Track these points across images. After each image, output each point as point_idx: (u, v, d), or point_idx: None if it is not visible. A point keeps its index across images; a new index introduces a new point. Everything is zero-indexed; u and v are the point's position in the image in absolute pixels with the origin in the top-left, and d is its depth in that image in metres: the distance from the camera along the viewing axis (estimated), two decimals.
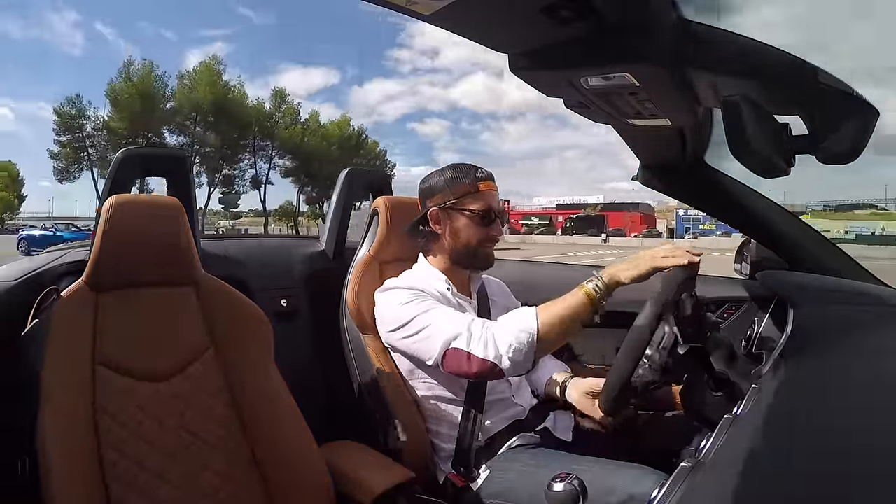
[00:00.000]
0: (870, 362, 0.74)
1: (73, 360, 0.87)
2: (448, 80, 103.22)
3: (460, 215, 1.13)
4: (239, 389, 1.01)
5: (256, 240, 1.99)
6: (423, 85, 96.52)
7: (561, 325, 0.94)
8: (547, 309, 0.95)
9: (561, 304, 0.95)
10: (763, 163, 0.66)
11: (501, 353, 0.94)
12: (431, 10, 0.61)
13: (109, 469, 0.85)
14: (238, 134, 28.28)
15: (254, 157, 29.91)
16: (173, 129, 27.53)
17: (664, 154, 1.19)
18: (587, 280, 0.95)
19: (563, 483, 0.71)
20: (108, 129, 26.59)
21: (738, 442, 0.54)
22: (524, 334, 0.94)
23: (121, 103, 25.77)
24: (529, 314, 0.95)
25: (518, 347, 0.93)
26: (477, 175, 1.13)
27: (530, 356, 0.94)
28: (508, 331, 0.95)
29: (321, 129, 31.71)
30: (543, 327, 0.93)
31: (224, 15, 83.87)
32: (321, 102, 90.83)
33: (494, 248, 1.17)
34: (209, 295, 1.04)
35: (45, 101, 71.93)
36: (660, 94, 0.77)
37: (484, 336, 0.96)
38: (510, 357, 0.94)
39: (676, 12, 0.67)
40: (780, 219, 1.29)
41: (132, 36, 74.79)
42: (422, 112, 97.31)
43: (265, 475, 0.98)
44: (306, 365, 1.50)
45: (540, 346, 0.94)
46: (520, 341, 0.93)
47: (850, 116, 0.64)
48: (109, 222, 0.94)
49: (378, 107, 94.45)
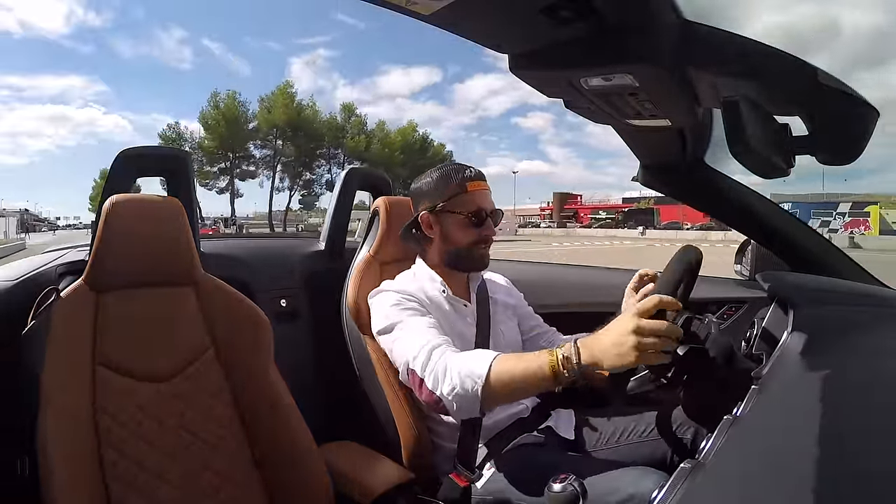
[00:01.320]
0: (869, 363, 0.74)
1: (73, 361, 0.87)
2: None
3: (450, 217, 1.12)
4: (239, 389, 1.01)
5: (256, 240, 1.99)
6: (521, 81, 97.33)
7: (512, 385, 0.84)
8: (504, 362, 0.86)
9: (521, 366, 0.84)
10: (763, 163, 0.66)
11: (445, 392, 0.89)
12: (431, 10, 0.61)
13: (109, 469, 0.85)
14: (314, 145, 34.30)
15: (329, 163, 35.78)
16: (258, 143, 34.16)
17: (664, 154, 1.19)
18: (560, 347, 0.82)
19: (562, 484, 0.71)
20: (202, 147, 33.33)
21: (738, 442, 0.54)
22: (470, 381, 0.86)
23: (210, 127, 32.74)
24: (484, 361, 0.87)
25: (461, 393, 0.87)
26: (465, 175, 1.12)
27: (475, 404, 0.87)
28: (458, 372, 0.88)
29: (387, 136, 36.76)
30: (493, 381, 0.85)
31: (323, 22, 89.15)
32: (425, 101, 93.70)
33: (488, 247, 1.15)
34: (209, 295, 1.04)
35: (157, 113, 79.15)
36: (660, 94, 0.77)
37: (437, 368, 0.91)
38: (452, 399, 0.88)
39: (676, 13, 0.67)
40: (780, 219, 1.29)
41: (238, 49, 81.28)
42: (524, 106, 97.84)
43: (265, 475, 0.98)
44: (306, 365, 1.50)
45: (485, 397, 0.86)
46: (464, 387, 0.87)
47: (850, 116, 0.64)
48: (109, 222, 0.94)
49: (482, 102, 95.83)
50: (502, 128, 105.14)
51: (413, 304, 1.06)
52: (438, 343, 0.96)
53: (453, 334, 1.09)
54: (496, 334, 1.17)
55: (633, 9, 0.63)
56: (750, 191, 1.27)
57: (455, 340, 1.06)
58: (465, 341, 1.11)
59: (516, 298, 1.30)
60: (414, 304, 1.06)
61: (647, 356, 0.75)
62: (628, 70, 0.70)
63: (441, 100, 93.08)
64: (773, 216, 1.28)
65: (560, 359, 0.80)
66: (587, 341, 0.80)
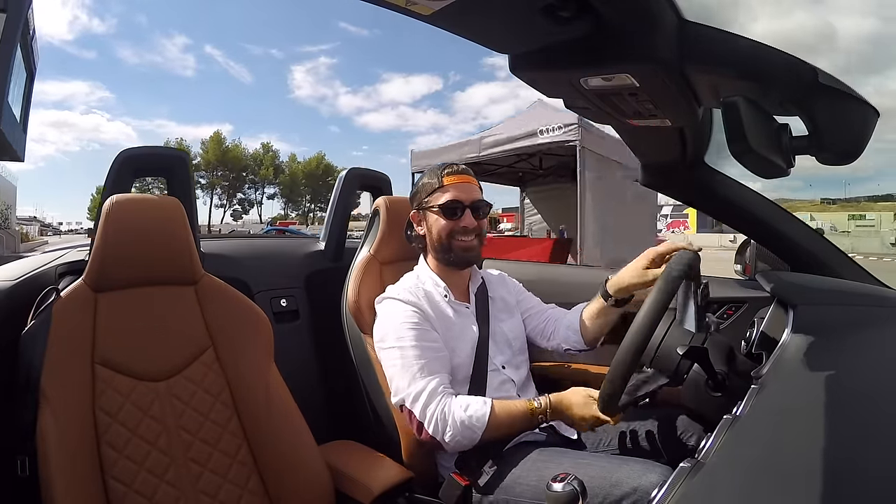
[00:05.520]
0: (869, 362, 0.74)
1: (72, 360, 0.87)
2: None
3: (430, 212, 1.16)
4: (239, 389, 1.01)
5: (256, 240, 1.99)
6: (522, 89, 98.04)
7: (506, 427, 1.01)
8: (502, 409, 1.00)
9: (512, 410, 1.01)
10: (763, 163, 0.66)
11: (447, 438, 0.99)
12: (431, 10, 0.61)
13: (109, 468, 0.85)
14: (243, 174, 47.21)
15: (255, 187, 48.94)
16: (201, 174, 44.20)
17: (664, 154, 1.19)
18: (536, 400, 1.02)
19: (562, 483, 0.71)
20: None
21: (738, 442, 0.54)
22: (471, 431, 0.99)
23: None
24: (485, 410, 0.99)
25: (461, 440, 1.00)
26: (444, 171, 1.15)
27: (473, 444, 1.01)
28: (460, 422, 0.99)
29: (292, 166, 49.62)
30: (491, 427, 0.99)
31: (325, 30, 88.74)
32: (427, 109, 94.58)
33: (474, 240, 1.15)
34: (209, 295, 1.04)
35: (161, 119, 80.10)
36: (660, 94, 0.77)
37: (436, 415, 1.00)
38: (453, 443, 1.00)
39: (676, 13, 0.67)
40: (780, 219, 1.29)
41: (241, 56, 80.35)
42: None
43: (265, 475, 0.98)
44: (306, 365, 1.50)
45: (483, 439, 1.00)
46: (465, 436, 0.99)
47: (850, 116, 0.64)
48: (109, 222, 0.94)
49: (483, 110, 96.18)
50: None
51: (416, 322, 1.08)
52: (436, 387, 1.02)
53: (455, 340, 1.12)
54: (496, 334, 1.18)
55: (633, 9, 0.63)
56: (750, 191, 1.27)
57: (458, 345, 1.11)
58: (468, 344, 1.13)
59: (512, 289, 1.31)
60: (417, 320, 1.08)
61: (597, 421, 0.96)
62: (628, 70, 0.70)
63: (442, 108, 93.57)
64: (773, 216, 1.28)
65: (536, 407, 1.01)
66: (558, 408, 1.01)
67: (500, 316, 1.22)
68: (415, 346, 1.05)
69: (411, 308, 1.09)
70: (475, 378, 1.11)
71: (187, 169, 1.34)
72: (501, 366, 1.16)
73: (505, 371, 1.16)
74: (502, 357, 1.17)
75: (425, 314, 1.10)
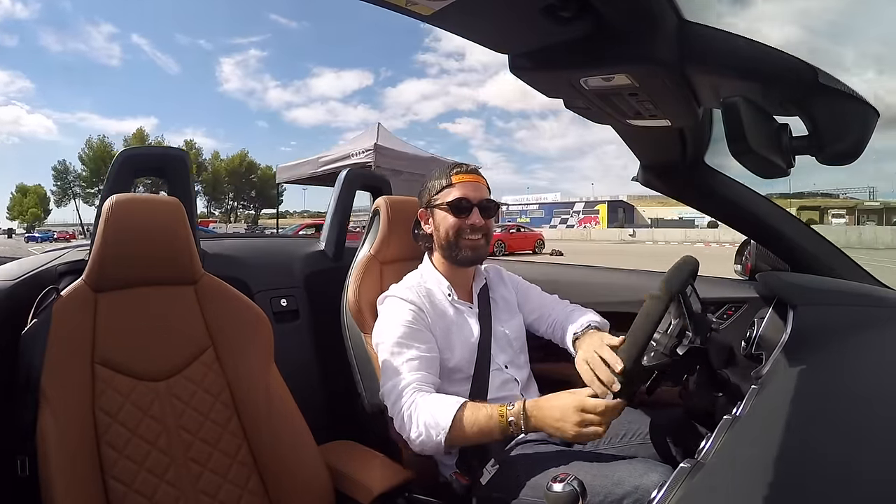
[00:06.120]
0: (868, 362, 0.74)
1: (72, 360, 0.87)
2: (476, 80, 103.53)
3: (438, 210, 1.16)
4: (239, 389, 1.01)
5: (257, 240, 1.99)
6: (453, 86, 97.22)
7: (475, 433, 0.95)
8: (465, 418, 0.94)
9: (481, 415, 0.94)
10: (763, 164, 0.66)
11: (412, 436, 0.98)
12: (431, 10, 0.61)
13: (109, 468, 0.85)
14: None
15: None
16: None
17: (664, 154, 1.19)
18: (510, 405, 0.94)
19: (562, 483, 0.72)
20: (81, 178, 50.74)
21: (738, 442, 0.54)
22: (434, 431, 0.95)
23: (87, 163, 48.82)
24: (449, 411, 0.95)
25: (425, 440, 0.96)
26: (452, 169, 1.16)
27: (438, 448, 0.97)
28: (423, 422, 0.97)
29: (215, 164, 50.66)
30: (455, 430, 0.94)
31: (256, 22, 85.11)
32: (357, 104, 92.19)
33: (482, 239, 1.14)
34: (209, 295, 1.04)
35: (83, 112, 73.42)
36: (660, 94, 0.77)
37: (404, 412, 0.99)
38: (417, 442, 0.98)
39: (676, 13, 0.67)
40: (781, 220, 1.29)
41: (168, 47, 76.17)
42: (454, 112, 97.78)
43: (265, 475, 0.98)
44: (306, 365, 1.50)
45: (448, 444, 0.96)
46: (429, 435, 0.96)
47: (850, 116, 0.64)
48: (109, 222, 0.94)
49: (413, 106, 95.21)
50: (432, 133, 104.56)
51: (409, 321, 1.07)
52: (409, 383, 1.01)
53: (456, 339, 1.12)
54: (498, 334, 1.18)
55: (632, 9, 0.63)
56: (750, 191, 1.27)
57: (458, 344, 1.11)
58: (469, 343, 1.13)
59: (512, 286, 1.31)
60: (411, 319, 1.08)
61: (584, 434, 0.87)
62: (628, 70, 0.70)
63: (373, 103, 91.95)
64: (773, 216, 1.28)
65: (509, 422, 0.92)
66: (535, 411, 0.91)
67: (501, 316, 1.22)
68: (400, 344, 1.05)
69: (409, 306, 1.09)
70: (477, 378, 1.11)
71: (187, 169, 1.34)
72: (504, 365, 1.16)
73: (508, 370, 1.16)
74: (504, 356, 1.17)
75: (424, 313, 1.10)
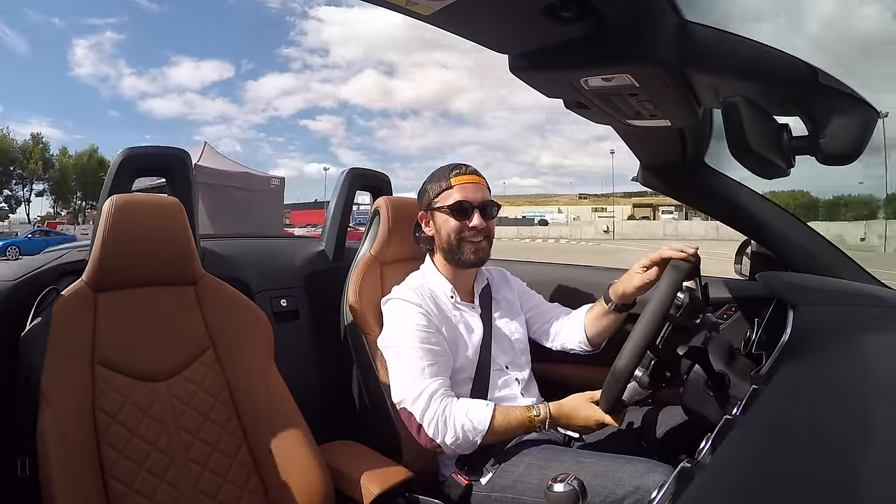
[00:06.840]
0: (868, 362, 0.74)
1: (72, 360, 0.87)
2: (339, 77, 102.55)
3: (438, 213, 1.15)
4: (239, 389, 1.01)
5: (257, 240, 1.99)
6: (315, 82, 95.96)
7: (505, 433, 1.02)
8: (503, 416, 1.00)
9: (512, 418, 1.01)
10: (763, 164, 0.66)
11: (448, 441, 0.99)
12: (431, 10, 0.61)
13: (109, 468, 0.85)
14: (11, 168, 42.97)
15: (24, 182, 43.97)
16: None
17: (664, 154, 1.19)
18: (537, 412, 1.01)
19: (562, 483, 0.72)
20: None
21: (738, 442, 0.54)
22: (472, 434, 0.99)
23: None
24: (486, 415, 0.99)
25: (462, 442, 1.00)
26: (452, 171, 1.14)
27: (474, 447, 1.01)
28: (461, 426, 0.99)
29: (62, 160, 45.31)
30: (492, 432, 0.99)
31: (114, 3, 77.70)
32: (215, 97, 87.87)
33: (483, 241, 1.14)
34: (209, 295, 1.04)
35: None
36: (660, 94, 0.77)
37: (437, 418, 1.00)
38: (454, 445, 1.00)
39: (676, 13, 0.67)
40: (781, 219, 1.29)
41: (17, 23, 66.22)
42: (314, 109, 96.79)
43: (265, 475, 0.98)
44: (306, 365, 1.50)
45: (483, 443, 1.00)
46: (466, 438, 0.99)
47: (850, 116, 0.64)
48: (110, 222, 0.94)
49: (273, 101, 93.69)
50: (292, 129, 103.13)
51: (421, 324, 1.07)
52: (436, 389, 1.02)
53: (459, 340, 1.12)
54: (500, 335, 1.19)
55: (632, 9, 0.63)
56: (750, 191, 1.27)
57: (461, 345, 1.11)
58: (471, 344, 1.13)
59: (515, 288, 1.31)
60: (422, 322, 1.08)
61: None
62: (628, 70, 0.70)
63: (232, 97, 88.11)
64: (773, 216, 1.28)
65: (536, 417, 1.01)
66: (558, 416, 1.01)
67: (503, 317, 1.22)
68: (418, 348, 1.04)
69: (417, 309, 1.09)
70: (478, 378, 1.11)
71: (188, 168, 1.34)
72: (505, 366, 1.16)
73: (509, 371, 1.16)
74: (506, 357, 1.17)
75: (430, 315, 1.10)
